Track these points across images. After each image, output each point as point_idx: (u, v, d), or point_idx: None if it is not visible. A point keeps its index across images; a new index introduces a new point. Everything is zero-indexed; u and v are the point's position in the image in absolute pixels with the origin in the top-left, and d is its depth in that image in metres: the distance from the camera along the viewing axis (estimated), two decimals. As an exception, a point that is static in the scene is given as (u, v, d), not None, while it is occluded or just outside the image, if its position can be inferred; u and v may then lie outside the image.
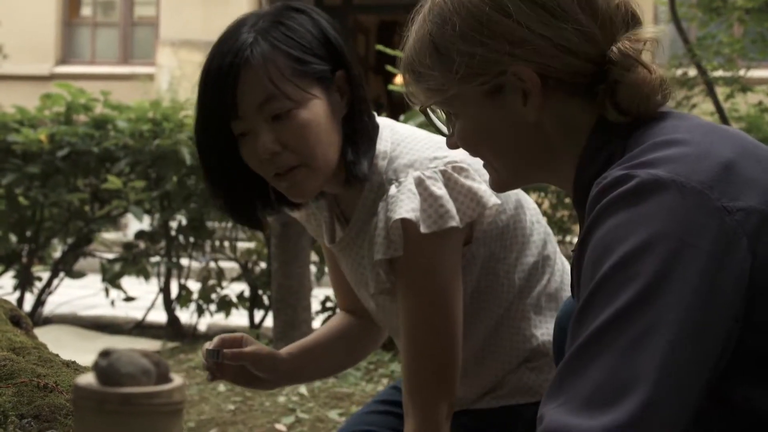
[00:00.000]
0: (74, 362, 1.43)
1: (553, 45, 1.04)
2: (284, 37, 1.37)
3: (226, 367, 1.55)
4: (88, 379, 0.66)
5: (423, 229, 1.37)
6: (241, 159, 1.41)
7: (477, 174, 1.42)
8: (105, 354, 0.65)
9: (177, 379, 0.68)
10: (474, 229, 1.46)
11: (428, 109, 1.17)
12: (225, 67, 1.36)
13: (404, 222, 1.38)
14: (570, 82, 1.06)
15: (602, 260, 0.92)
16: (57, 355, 1.45)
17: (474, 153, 1.15)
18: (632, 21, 1.08)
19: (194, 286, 5.46)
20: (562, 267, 1.59)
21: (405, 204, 1.38)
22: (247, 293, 5.31)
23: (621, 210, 0.93)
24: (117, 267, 5.34)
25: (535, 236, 1.53)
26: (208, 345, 1.55)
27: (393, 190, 1.41)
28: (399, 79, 1.24)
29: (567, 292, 1.55)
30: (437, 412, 1.44)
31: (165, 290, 5.40)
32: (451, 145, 1.18)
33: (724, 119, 4.97)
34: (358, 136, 1.43)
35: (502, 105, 1.08)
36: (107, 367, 0.64)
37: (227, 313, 5.29)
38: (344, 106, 1.42)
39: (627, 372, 0.86)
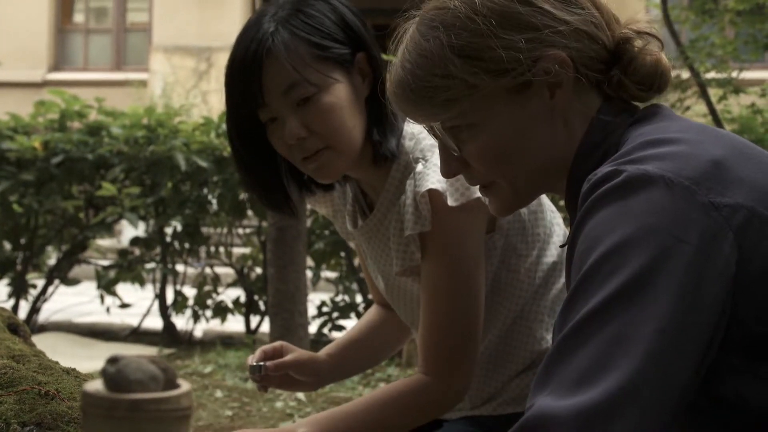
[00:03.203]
0: (74, 369, 1.42)
1: (575, 30, 1.07)
2: (303, 24, 1.41)
3: (270, 378, 1.61)
4: (96, 385, 0.66)
5: (450, 202, 1.39)
6: (269, 145, 1.46)
7: None
8: (113, 360, 0.65)
9: (184, 385, 0.68)
10: (498, 217, 1.47)
11: (434, 128, 1.14)
12: (249, 56, 1.40)
13: (432, 193, 1.40)
14: (591, 70, 1.08)
15: (590, 252, 0.94)
16: (57, 363, 1.45)
17: (490, 166, 1.11)
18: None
19: (190, 292, 5.45)
20: None
21: (432, 176, 1.40)
22: (243, 299, 5.31)
23: (610, 204, 0.95)
24: (112, 274, 5.33)
25: (555, 237, 1.54)
26: (251, 360, 1.61)
27: (420, 167, 1.43)
28: None
29: None
30: (457, 375, 1.44)
31: (160, 296, 5.40)
32: (456, 167, 1.15)
33: (717, 121, 4.99)
34: (382, 116, 1.45)
35: (528, 103, 1.08)
36: (116, 374, 0.64)
37: (223, 319, 5.29)
38: (366, 87, 1.45)
39: (610, 358, 0.88)
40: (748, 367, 0.95)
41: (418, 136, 1.47)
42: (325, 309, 5.08)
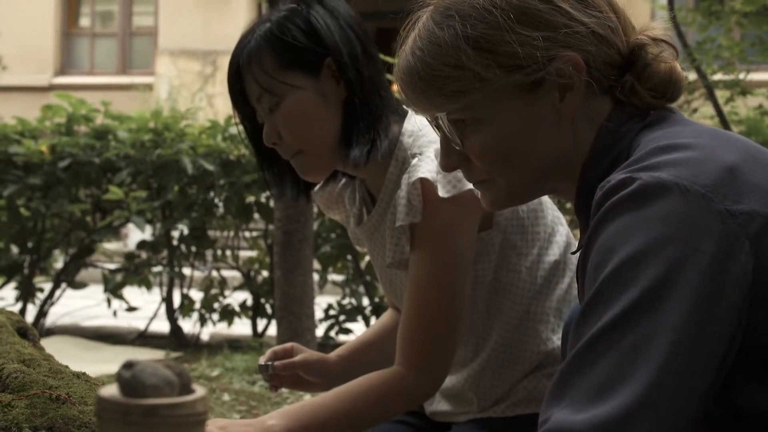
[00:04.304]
0: (84, 373, 1.43)
1: (592, 32, 1.05)
2: (270, 35, 1.46)
3: (281, 378, 1.65)
4: (111, 390, 0.66)
5: (442, 193, 1.40)
6: None
7: None
8: (128, 365, 0.65)
9: (199, 390, 0.68)
10: (494, 212, 1.48)
11: (438, 119, 1.13)
12: (230, 68, 1.50)
13: (423, 183, 1.41)
14: (604, 75, 1.07)
15: (605, 263, 0.93)
16: (67, 367, 1.45)
17: (491, 163, 1.10)
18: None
19: (197, 295, 5.45)
20: None
21: (423, 167, 1.42)
22: (249, 302, 5.32)
23: (624, 213, 0.93)
24: (119, 277, 5.34)
25: (558, 237, 1.54)
26: (261, 360, 1.66)
27: (415, 160, 1.45)
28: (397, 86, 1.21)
29: None
30: (433, 368, 1.44)
31: (167, 300, 5.40)
32: (455, 161, 1.14)
33: (724, 123, 4.98)
34: (351, 121, 1.47)
35: (537, 102, 1.06)
36: (131, 379, 0.64)
37: (230, 322, 5.29)
38: (343, 90, 1.47)
39: (627, 370, 0.87)
40: (764, 377, 0.94)
41: (417, 134, 1.48)
42: (332, 312, 5.08)
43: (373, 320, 5.03)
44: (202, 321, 5.30)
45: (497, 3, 1.05)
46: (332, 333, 5.06)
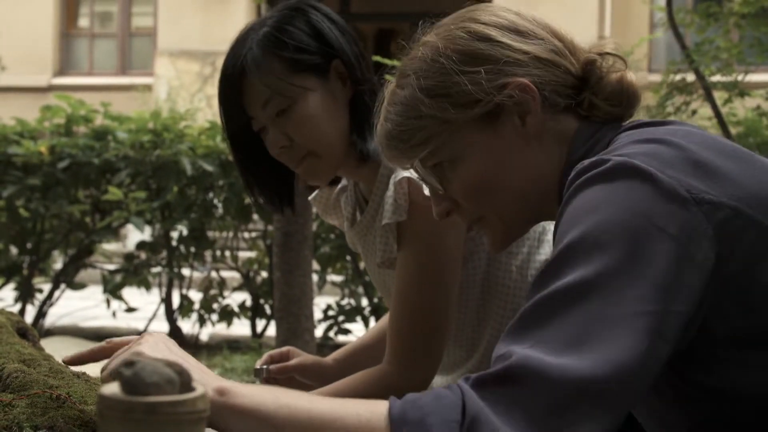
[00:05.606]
0: (85, 373, 1.43)
1: (536, 58, 1.13)
2: (276, 39, 1.47)
3: (277, 381, 1.67)
4: (112, 388, 0.67)
5: (427, 192, 1.40)
6: (266, 151, 1.54)
7: None
8: (129, 364, 0.66)
9: (199, 388, 0.69)
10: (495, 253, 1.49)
11: (418, 171, 1.19)
12: (228, 76, 1.49)
13: (409, 182, 1.44)
14: (558, 95, 1.13)
15: (574, 225, 0.96)
16: (67, 366, 1.46)
17: (475, 199, 1.16)
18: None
19: (196, 296, 5.46)
20: None
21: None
22: (249, 303, 5.32)
23: (593, 185, 0.98)
24: (118, 278, 5.35)
25: (549, 236, 1.56)
26: (257, 364, 1.68)
27: None
28: None
29: None
30: (419, 366, 1.45)
31: (166, 300, 5.41)
32: (446, 206, 1.18)
33: (722, 124, 4.99)
34: (362, 116, 1.51)
35: (501, 131, 1.13)
36: (132, 377, 0.65)
37: (229, 323, 5.30)
38: (349, 90, 1.51)
39: (596, 332, 0.89)
40: (739, 358, 0.98)
41: None
42: (330, 313, 5.09)
43: (372, 321, 5.04)
44: (201, 321, 5.31)
45: (442, 52, 1.14)
46: (331, 333, 5.07)
